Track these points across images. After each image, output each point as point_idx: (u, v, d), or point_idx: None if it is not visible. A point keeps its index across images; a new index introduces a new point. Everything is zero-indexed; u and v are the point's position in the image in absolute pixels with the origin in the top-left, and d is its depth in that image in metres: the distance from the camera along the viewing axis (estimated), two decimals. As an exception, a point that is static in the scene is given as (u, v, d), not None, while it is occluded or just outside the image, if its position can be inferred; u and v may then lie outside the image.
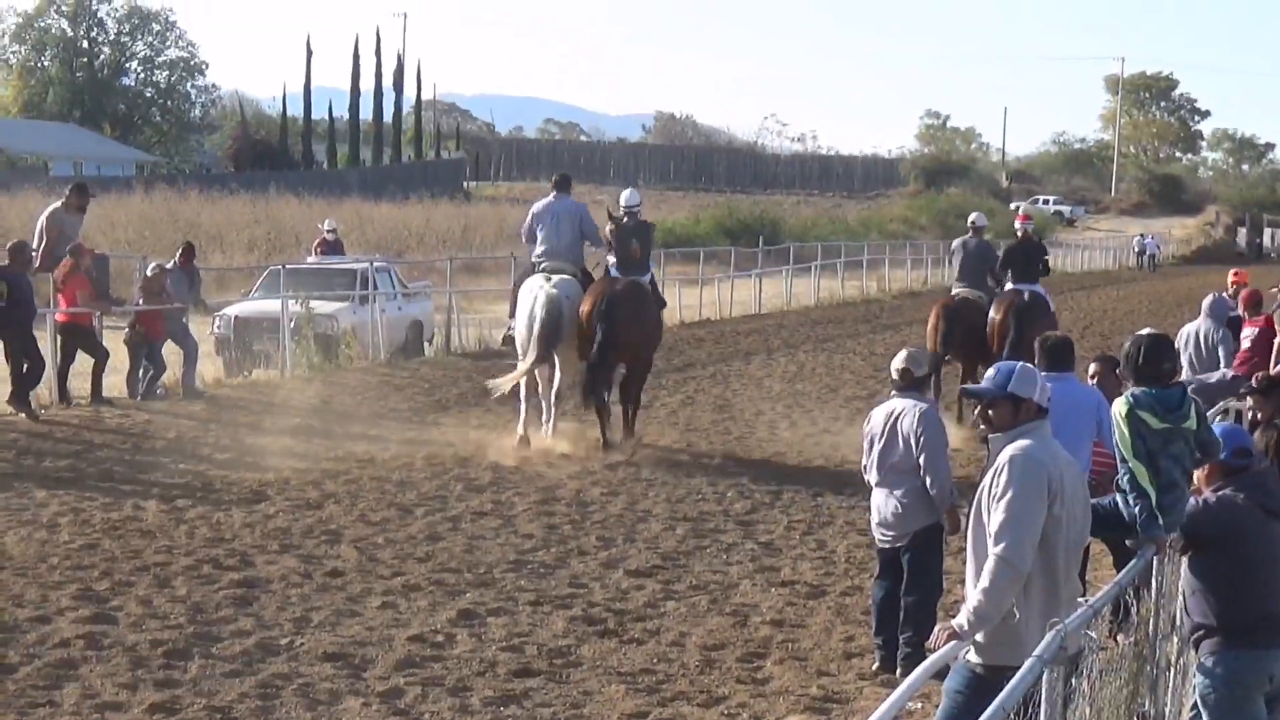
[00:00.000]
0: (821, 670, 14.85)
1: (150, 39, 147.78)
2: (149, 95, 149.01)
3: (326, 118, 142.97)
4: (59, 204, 30.16)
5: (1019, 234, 30.03)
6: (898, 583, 14.89)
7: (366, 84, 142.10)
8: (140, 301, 30.44)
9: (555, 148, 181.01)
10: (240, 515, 20.37)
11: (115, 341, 29.09)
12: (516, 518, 20.83)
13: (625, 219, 26.27)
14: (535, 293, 25.44)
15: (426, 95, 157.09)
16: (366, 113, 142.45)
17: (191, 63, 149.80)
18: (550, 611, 16.42)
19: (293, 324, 33.78)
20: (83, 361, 28.26)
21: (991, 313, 28.30)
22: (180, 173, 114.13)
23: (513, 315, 26.56)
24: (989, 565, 9.51)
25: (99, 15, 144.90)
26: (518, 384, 25.78)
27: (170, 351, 30.20)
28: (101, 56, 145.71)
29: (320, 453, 25.03)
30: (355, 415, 28.79)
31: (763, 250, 64.69)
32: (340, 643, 15.04)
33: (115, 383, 29.15)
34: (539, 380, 25.97)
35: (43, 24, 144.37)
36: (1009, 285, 28.51)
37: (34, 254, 28.73)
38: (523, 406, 26.02)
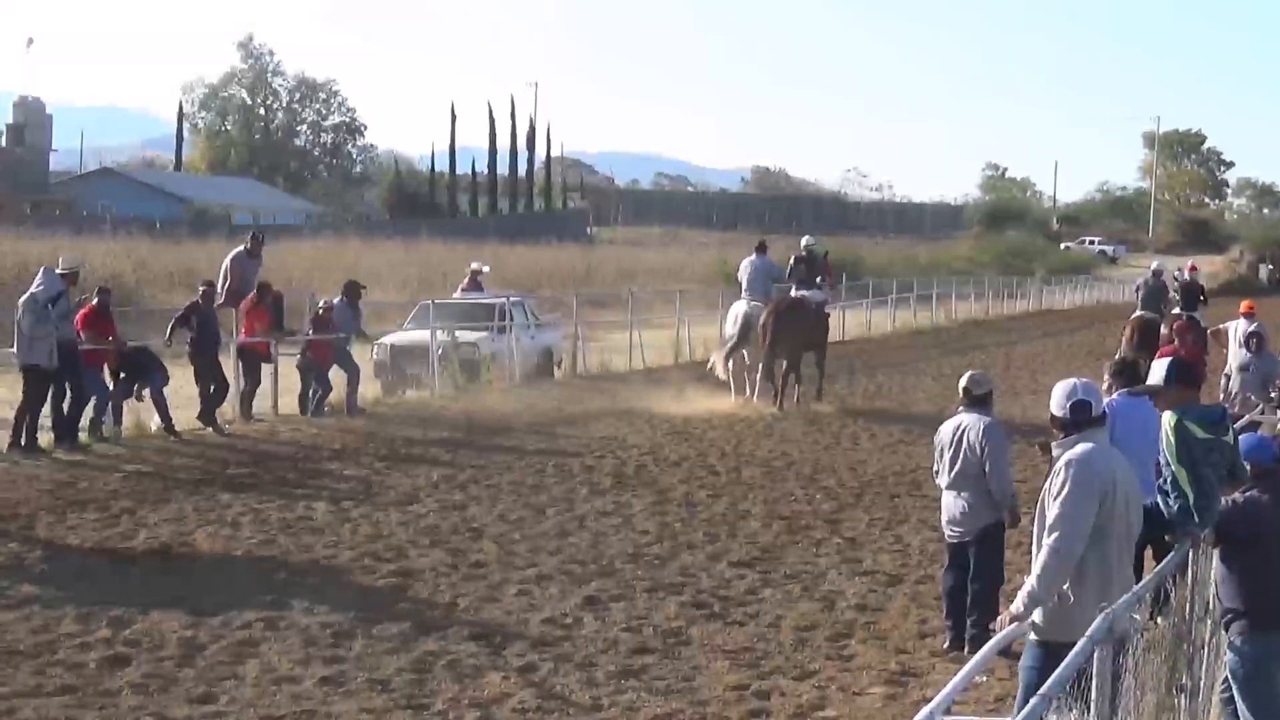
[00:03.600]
0: (899, 649, 14.79)
1: (317, 105, 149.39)
2: (316, 154, 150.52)
3: (469, 173, 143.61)
4: (241, 249, 30.40)
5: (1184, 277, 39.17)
6: (965, 572, 14.83)
7: (503, 143, 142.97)
8: (310, 331, 30.72)
9: (667, 198, 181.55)
10: (396, 515, 20.47)
11: (289, 366, 29.25)
12: (634, 516, 20.82)
13: (806, 254, 35.08)
14: (738, 309, 33.96)
15: (555, 153, 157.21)
16: (503, 168, 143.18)
17: (352, 125, 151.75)
18: (664, 597, 16.39)
19: (440, 351, 33.99)
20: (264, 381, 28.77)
21: (1163, 328, 31.87)
22: (343, 221, 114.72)
23: (723, 327, 36.07)
24: (1042, 554, 9.64)
25: (273, 86, 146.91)
26: (728, 370, 33.67)
27: (336, 375, 30.41)
28: (276, 121, 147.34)
29: (464, 461, 25.08)
30: (495, 429, 28.84)
31: (845, 285, 63.95)
32: (483, 625, 15.10)
33: (289, 402, 29.29)
34: (745, 363, 33.49)
35: (226, 94, 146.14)
36: (1175, 311, 32.94)
37: (219, 292, 29.03)
38: (732, 383, 33.55)
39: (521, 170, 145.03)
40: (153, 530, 19.10)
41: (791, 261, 35.34)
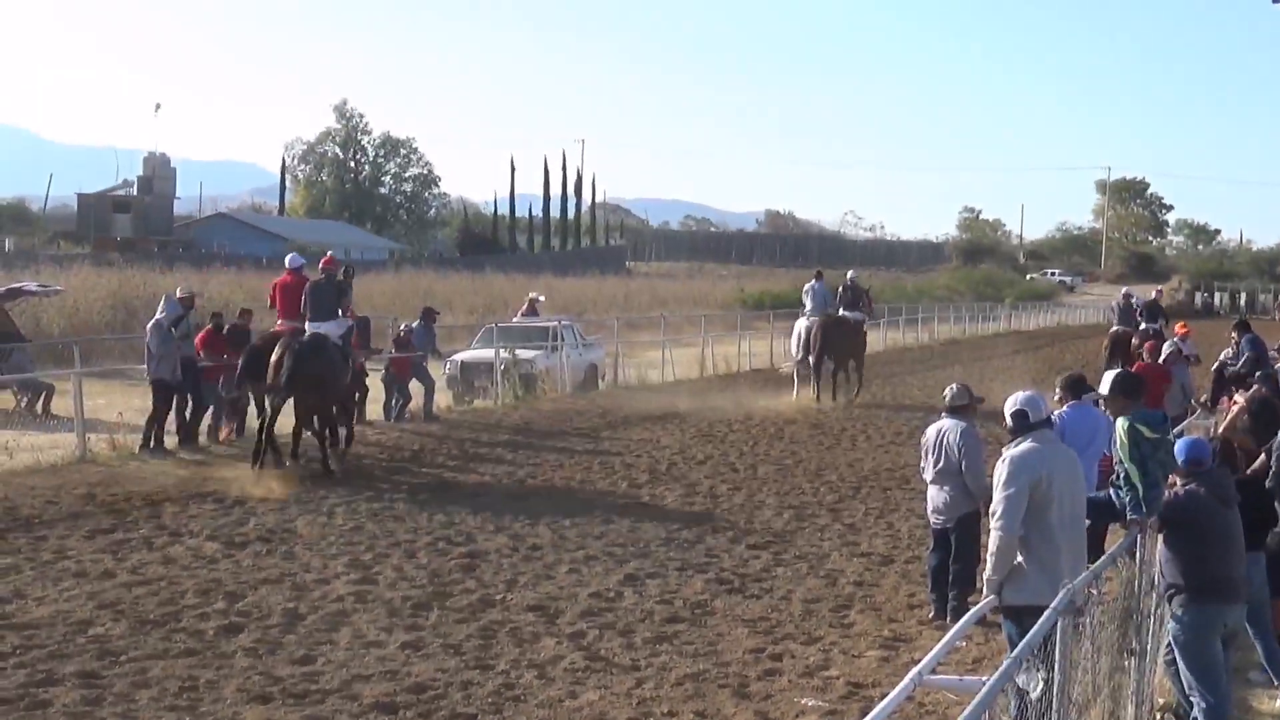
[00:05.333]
0: (891, 618, 14.77)
1: (399, 160, 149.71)
2: (398, 200, 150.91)
3: (526, 215, 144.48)
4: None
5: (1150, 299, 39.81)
6: (947, 554, 14.82)
7: (555, 191, 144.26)
8: (393, 350, 30.88)
9: (693, 236, 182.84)
10: (466, 505, 20.44)
11: (374, 379, 29.10)
12: (666, 506, 20.80)
13: (850, 284, 37.46)
14: (801, 324, 35.81)
15: (599, 198, 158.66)
16: (555, 212, 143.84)
17: (428, 177, 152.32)
18: (692, 575, 16.34)
19: (502, 366, 34.01)
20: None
21: (1135, 341, 32.17)
22: (420, 257, 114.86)
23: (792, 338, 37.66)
24: (991, 538, 10.23)
25: (362, 143, 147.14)
26: (795, 370, 36.39)
27: (414, 386, 30.44)
28: (364, 173, 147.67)
29: (523, 460, 25.01)
30: (549, 433, 28.78)
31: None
32: (539, 598, 15.08)
33: (374, 410, 29.24)
34: (807, 367, 35.33)
35: (321, 149, 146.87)
36: (1143, 327, 33.95)
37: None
38: (796, 383, 35.91)
39: (570, 213, 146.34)
40: (261, 518, 19.06)
41: (840, 289, 37.21)
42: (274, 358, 22.88)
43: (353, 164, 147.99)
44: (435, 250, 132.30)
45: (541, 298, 43.73)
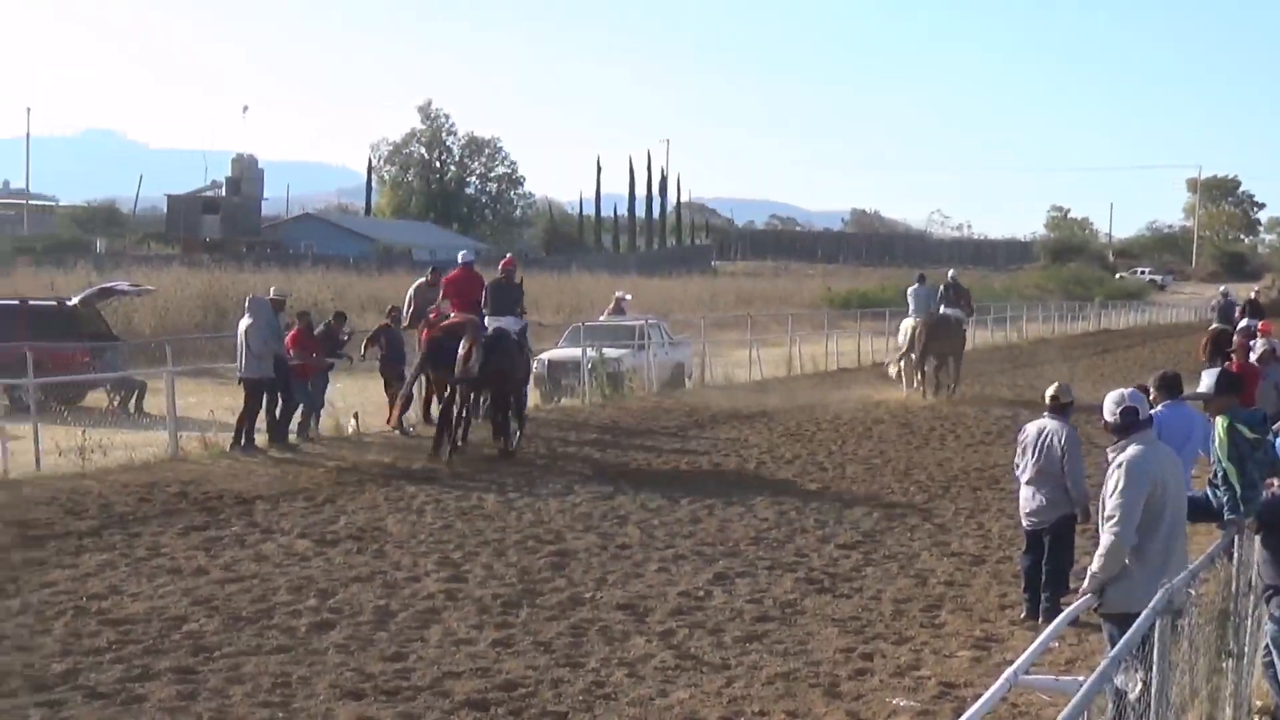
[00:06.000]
0: (983, 618, 14.71)
1: (484, 159, 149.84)
2: (483, 201, 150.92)
3: (611, 215, 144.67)
4: (422, 280, 30.56)
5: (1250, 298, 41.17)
6: (1040, 555, 14.72)
7: (640, 191, 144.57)
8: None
9: (778, 236, 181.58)
10: (554, 503, 20.51)
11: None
12: (755, 506, 20.72)
13: (952, 283, 38.15)
14: (906, 324, 36.57)
15: (684, 198, 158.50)
16: (640, 212, 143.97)
17: (513, 177, 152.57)
18: (781, 574, 16.34)
19: (590, 365, 34.03)
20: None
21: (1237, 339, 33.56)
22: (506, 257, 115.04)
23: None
24: (1102, 542, 9.80)
25: (447, 143, 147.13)
26: (902, 366, 36.82)
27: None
28: (449, 173, 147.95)
29: (611, 459, 25.16)
30: (636, 431, 28.87)
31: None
32: (629, 596, 15.12)
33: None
34: (912, 364, 36.29)
35: (408, 150, 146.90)
36: (1243, 323, 33.39)
37: (404, 316, 29.20)
38: (916, 380, 36.37)
39: (655, 213, 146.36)
40: (351, 516, 19.22)
41: (941, 289, 37.69)
42: (462, 350, 24.28)
43: (438, 164, 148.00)
44: (521, 250, 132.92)
45: (628, 296, 43.85)
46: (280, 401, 25.19)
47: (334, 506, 19.96)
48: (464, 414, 24.95)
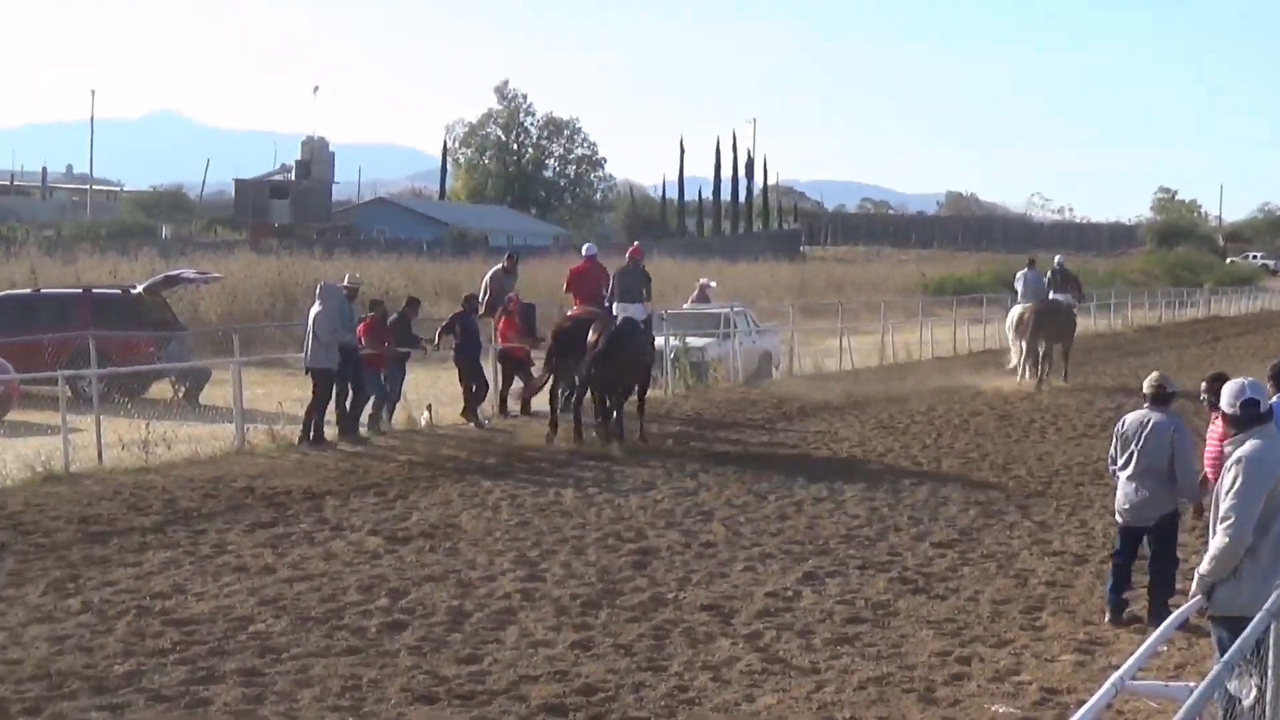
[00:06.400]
0: (1086, 620, 14.59)
1: (563, 141, 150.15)
2: (562, 184, 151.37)
3: (695, 199, 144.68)
4: (499, 266, 30.60)
5: None
6: (1133, 554, 14.64)
7: (726, 174, 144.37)
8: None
9: (870, 220, 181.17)
10: (635, 499, 20.53)
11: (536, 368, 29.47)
12: (846, 502, 20.69)
13: (1059, 269, 39.91)
14: (1015, 312, 37.63)
15: (771, 181, 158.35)
16: (726, 195, 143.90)
17: (593, 159, 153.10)
18: (873, 574, 16.26)
19: (673, 354, 33.91)
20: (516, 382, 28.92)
21: None
22: (586, 242, 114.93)
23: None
24: (1215, 541, 9.67)
25: (525, 124, 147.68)
26: (1020, 354, 37.26)
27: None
28: (527, 155, 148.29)
29: (694, 452, 25.07)
30: (721, 424, 28.87)
31: None
32: (713, 597, 15.08)
33: (540, 399, 28.73)
34: (1023, 351, 36.95)
35: (484, 132, 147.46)
36: None
37: (480, 304, 29.30)
38: (1024, 367, 36.83)
39: (742, 197, 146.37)
40: (424, 513, 19.30)
41: (1048, 275, 39.33)
42: (591, 338, 25.32)
43: (515, 146, 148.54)
44: (601, 235, 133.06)
45: (713, 283, 43.73)
46: (350, 393, 25.35)
47: (406, 502, 19.99)
48: (607, 403, 25.74)
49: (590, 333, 25.44)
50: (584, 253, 28.12)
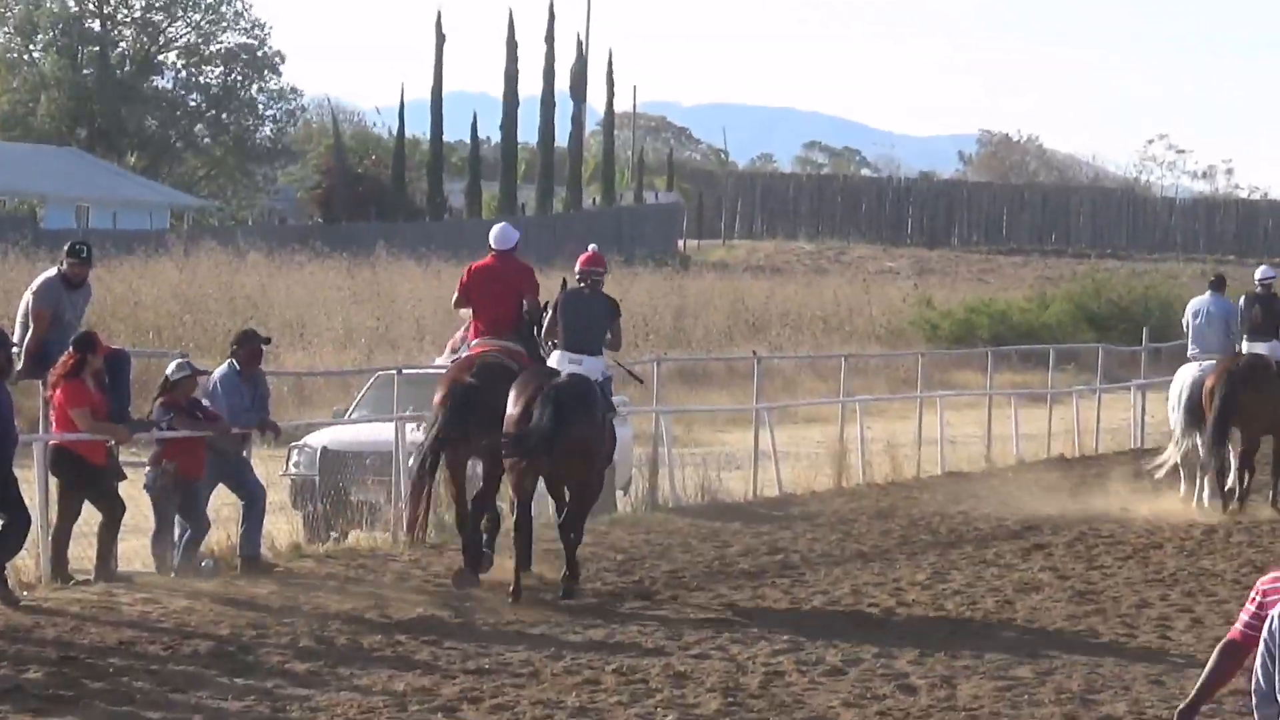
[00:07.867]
0: None
1: (197, 19, 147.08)
2: (193, 104, 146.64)
3: (467, 139, 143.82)
4: (53, 272, 29.98)
5: None
6: None
7: (529, 88, 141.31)
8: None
9: (820, 187, 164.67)
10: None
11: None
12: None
13: (1262, 294, 39.25)
14: (1186, 374, 40.18)
15: (623, 106, 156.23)
16: (528, 132, 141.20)
17: (259, 54, 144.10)
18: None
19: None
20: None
21: None
22: (238, 224, 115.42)
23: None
24: None
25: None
26: (1194, 450, 38.93)
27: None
28: (121, 46, 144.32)
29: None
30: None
31: (1147, 350, 61.01)
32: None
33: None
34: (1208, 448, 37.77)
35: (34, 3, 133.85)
36: None
37: (15, 350, 28.45)
38: (1204, 477, 39.27)
39: (561, 136, 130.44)
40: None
41: (1242, 302, 37.66)
42: (511, 406, 26.58)
43: (96, 26, 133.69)
44: (271, 210, 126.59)
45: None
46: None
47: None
48: (523, 512, 25.61)
49: (512, 395, 25.23)
50: (491, 242, 27.83)
